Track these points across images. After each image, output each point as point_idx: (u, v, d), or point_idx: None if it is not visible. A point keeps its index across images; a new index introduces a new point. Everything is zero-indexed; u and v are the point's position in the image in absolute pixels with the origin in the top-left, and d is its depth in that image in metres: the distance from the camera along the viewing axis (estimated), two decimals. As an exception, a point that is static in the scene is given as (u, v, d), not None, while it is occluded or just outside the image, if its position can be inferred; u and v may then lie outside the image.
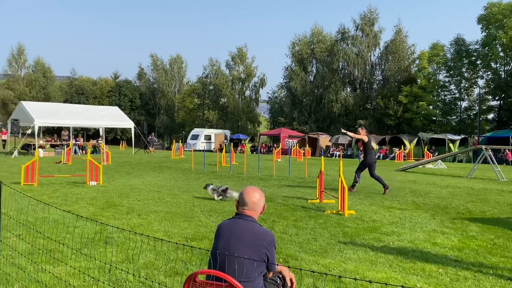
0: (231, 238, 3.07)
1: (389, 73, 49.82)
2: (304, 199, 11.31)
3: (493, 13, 41.84)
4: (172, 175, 17.49)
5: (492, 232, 7.86)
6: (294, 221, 8.48)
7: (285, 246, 6.61)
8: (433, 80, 46.45)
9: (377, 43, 53.08)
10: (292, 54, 57.80)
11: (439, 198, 12.23)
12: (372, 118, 49.45)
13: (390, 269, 5.54)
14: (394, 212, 9.73)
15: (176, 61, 70.63)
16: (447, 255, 6.22)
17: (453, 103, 47.66)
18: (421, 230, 7.88)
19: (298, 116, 55.05)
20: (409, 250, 6.45)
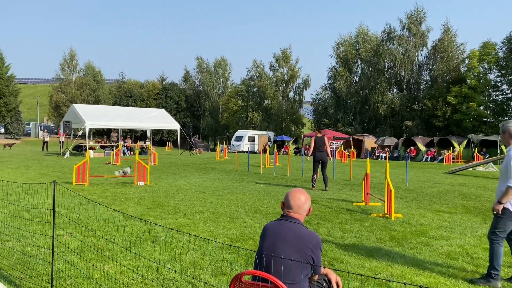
0: (276, 239, 3.08)
1: (437, 73, 48.43)
2: (350, 202, 11.17)
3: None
4: (217, 176, 17.70)
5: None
6: (339, 223, 8.40)
7: (330, 249, 6.55)
8: (483, 80, 44.77)
9: (425, 42, 51.71)
10: (336, 54, 57.25)
11: (490, 202, 11.78)
12: (420, 119, 48.20)
13: (439, 274, 5.39)
14: (443, 216, 9.46)
15: (221, 64, 71.46)
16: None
17: (505, 103, 45.72)
18: (471, 234, 7.62)
19: (342, 117, 54.43)
20: (459, 255, 6.25)
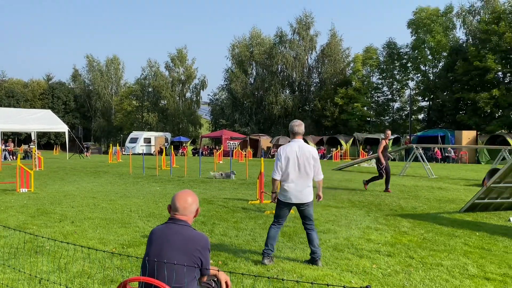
0: (163, 243, 3.02)
1: (326, 75, 51.13)
2: (245, 200, 11.35)
3: (421, 18, 44.03)
4: (109, 180, 17.00)
5: (423, 227, 8.25)
6: (234, 222, 8.49)
7: (224, 248, 6.59)
8: (367, 82, 48.18)
9: (314, 46, 54.31)
10: (232, 56, 57.93)
11: (373, 195, 12.69)
12: (311, 119, 50.54)
13: (326, 267, 5.67)
14: (331, 210, 9.99)
15: (113, 62, 68.69)
16: (380, 251, 6.45)
17: (386, 104, 49.67)
18: (356, 227, 8.14)
19: (239, 118, 55.24)
20: (345, 247, 6.63)
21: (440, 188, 14.94)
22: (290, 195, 5.78)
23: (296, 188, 5.74)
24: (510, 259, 6.07)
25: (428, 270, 5.56)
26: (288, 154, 5.76)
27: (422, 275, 5.36)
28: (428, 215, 9.56)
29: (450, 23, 44.88)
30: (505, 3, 41.03)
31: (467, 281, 5.15)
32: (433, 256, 6.20)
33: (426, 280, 5.20)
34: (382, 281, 5.13)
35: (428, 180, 17.68)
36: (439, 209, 10.44)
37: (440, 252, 6.42)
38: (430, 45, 43.66)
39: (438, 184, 16.07)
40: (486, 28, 38.61)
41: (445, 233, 7.69)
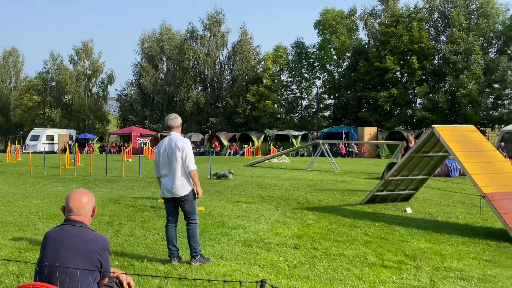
0: (59, 246, 2.85)
1: (237, 73, 51.56)
2: (155, 199, 11.10)
3: (327, 19, 45.89)
4: (7, 180, 15.80)
5: (327, 219, 8.62)
6: (142, 222, 8.28)
7: (131, 248, 6.41)
8: (277, 80, 49.32)
9: (225, 43, 54.50)
10: (141, 50, 56.35)
11: (282, 190, 13.03)
12: (223, 116, 50.73)
13: (235, 262, 5.72)
14: (241, 206, 10.10)
15: (11, 55, 63.79)
16: (287, 244, 6.64)
17: (295, 101, 51.22)
18: (265, 221, 8.30)
19: (150, 114, 53.94)
20: (253, 242, 6.74)
21: (344, 181, 15.71)
22: (164, 190, 5.70)
23: (167, 182, 5.64)
24: (405, 247, 6.53)
25: (331, 261, 5.82)
26: (159, 149, 5.72)
27: (326, 266, 5.60)
28: (332, 208, 10.01)
29: (354, 25, 47.26)
30: (403, 7, 44.12)
31: (367, 270, 5.46)
32: (336, 247, 6.50)
33: (329, 270, 5.43)
34: (288, 273, 5.27)
35: (333, 174, 18.51)
36: (343, 201, 10.97)
37: (342, 243, 6.75)
38: (335, 46, 45.66)
39: (342, 178, 16.89)
40: (386, 31, 41.16)
41: (347, 224, 8.10)
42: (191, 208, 5.71)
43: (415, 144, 9.56)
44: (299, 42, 49.01)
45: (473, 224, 8.36)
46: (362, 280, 5.05)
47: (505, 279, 5.14)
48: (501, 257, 6.07)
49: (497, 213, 7.22)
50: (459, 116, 37.57)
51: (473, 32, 37.73)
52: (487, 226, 8.18)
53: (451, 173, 17.24)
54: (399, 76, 42.72)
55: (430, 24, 42.98)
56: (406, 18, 41.76)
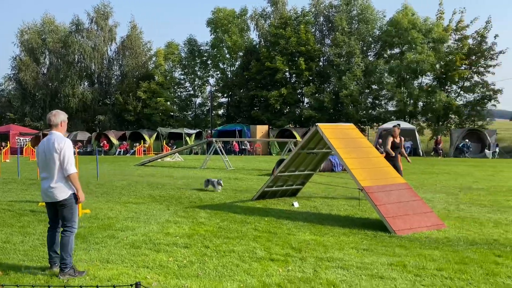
0: None
1: (127, 68, 49.83)
2: (35, 202, 10.33)
3: (219, 18, 46.17)
4: None
5: (219, 216, 8.68)
6: (20, 227, 7.67)
7: (6, 256, 5.90)
8: (169, 77, 48.56)
9: (113, 37, 52.35)
10: (20, 43, 52.00)
11: (174, 189, 12.86)
12: (112, 114, 48.75)
13: (122, 265, 5.53)
14: (130, 206, 9.79)
15: None
16: (177, 243, 6.57)
17: (189, 99, 50.84)
18: (155, 222, 8.13)
19: (30, 111, 50.02)
20: (142, 243, 6.57)
21: (236, 178, 15.95)
22: (43, 193, 5.33)
23: (44, 186, 5.28)
24: (292, 240, 6.80)
25: (221, 258, 5.87)
26: (38, 150, 5.34)
27: (216, 263, 5.63)
28: (224, 205, 10.10)
29: (245, 25, 48.10)
30: (291, 10, 45.83)
31: (255, 264, 5.59)
32: (227, 244, 6.57)
33: (219, 267, 5.48)
34: (177, 273, 5.22)
35: (226, 172, 18.71)
36: (235, 198, 11.14)
37: (233, 239, 6.84)
38: (227, 45, 46.11)
39: (235, 175, 17.13)
40: (275, 32, 42.49)
41: (238, 221, 8.23)
42: (69, 214, 5.28)
43: (301, 141, 10.00)
44: (192, 39, 48.71)
45: (353, 215, 8.97)
46: (250, 275, 5.16)
47: (380, 266, 5.57)
48: (377, 245, 6.58)
49: (374, 204, 7.81)
50: (342, 115, 40.00)
51: (354, 36, 40.37)
52: (365, 217, 8.81)
53: (335, 168, 18.31)
54: (288, 76, 44.34)
55: (316, 28, 45.15)
56: (294, 20, 43.46)
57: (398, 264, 5.60)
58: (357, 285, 4.88)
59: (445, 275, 5.23)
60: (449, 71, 38.37)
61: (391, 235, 7.18)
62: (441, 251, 6.24)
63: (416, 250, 6.31)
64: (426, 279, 5.10)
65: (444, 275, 5.22)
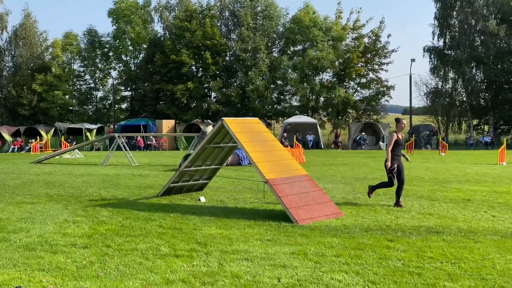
0: None
1: (21, 59, 46.32)
2: None
3: (121, 8, 44.51)
4: None
5: (121, 214, 8.40)
6: None
7: None
8: (68, 69, 45.98)
9: (4, 26, 48.35)
10: None
11: (73, 187, 12.23)
12: (4, 108, 45.13)
13: (14, 269, 5.15)
14: (25, 207, 9.14)
15: None
16: (76, 244, 6.25)
17: (89, 93, 48.49)
18: (52, 222, 7.67)
19: None
20: (38, 245, 6.16)
21: (141, 175, 15.55)
22: None
23: None
24: (197, 235, 6.78)
25: (123, 256, 5.69)
26: None
27: (117, 262, 5.45)
28: (127, 202, 9.80)
29: (149, 16, 46.88)
30: (196, 3, 45.45)
31: (159, 261, 5.49)
32: (130, 242, 6.39)
33: (121, 266, 5.30)
34: (76, 275, 4.97)
35: (130, 168, 18.16)
36: (139, 195, 10.85)
37: (136, 237, 6.66)
38: (130, 36, 44.64)
39: (139, 171, 16.69)
40: (180, 25, 41.92)
41: (142, 218, 8.03)
42: None
43: (207, 136, 9.97)
44: (92, 30, 46.46)
45: (259, 208, 9.15)
46: (154, 272, 5.06)
47: (283, 255, 5.75)
48: (280, 235, 6.78)
49: (277, 196, 8.03)
50: (249, 109, 40.62)
51: (259, 32, 41.11)
52: (270, 209, 9.04)
53: (242, 161, 18.55)
54: (195, 70, 44.03)
55: (221, 22, 45.26)
56: (199, 14, 43.20)
57: (300, 253, 5.82)
58: (260, 275, 4.99)
59: (343, 260, 5.52)
60: (347, 68, 40.57)
61: (293, 225, 7.44)
62: (339, 238, 6.58)
63: (316, 238, 6.60)
64: (325, 265, 5.35)
65: (341, 261, 5.51)
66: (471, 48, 38.52)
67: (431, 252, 5.89)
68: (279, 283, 4.75)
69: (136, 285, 4.69)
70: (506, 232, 6.99)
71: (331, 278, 4.90)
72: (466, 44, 38.60)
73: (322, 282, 4.78)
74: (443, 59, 41.05)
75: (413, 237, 6.66)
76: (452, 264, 5.41)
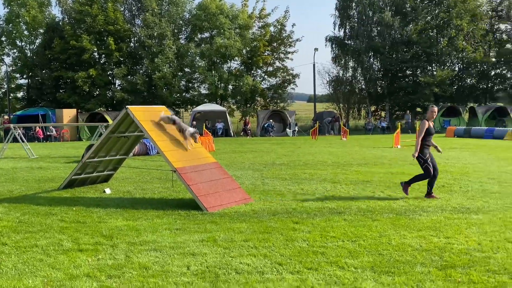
0: None
1: None
2: None
3: (14, -10, 41.15)
4: None
5: (19, 210, 7.87)
6: None
7: None
8: None
9: None
10: None
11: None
12: None
13: None
14: None
15: None
16: (-34, 244, 5.76)
17: None
18: None
19: None
20: None
21: (40, 167, 14.63)
22: None
23: None
24: (102, 228, 6.55)
25: (22, 254, 5.35)
26: None
27: (15, 260, 5.11)
28: (25, 197, 9.20)
29: (46, -1, 43.84)
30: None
31: (62, 257, 5.23)
32: (29, 238, 6.01)
33: (19, 264, 4.99)
34: (-34, 278, 4.59)
35: (28, 161, 17.01)
36: (38, 189, 10.22)
37: (35, 233, 6.28)
38: (25, 20, 41.47)
39: (39, 164, 15.69)
40: (80, 9, 39.67)
41: (42, 213, 7.58)
42: None
43: (111, 124, 9.61)
44: (-20, 12, 42.54)
45: (167, 197, 9.04)
46: (56, 269, 4.82)
47: (192, 243, 5.74)
48: (190, 224, 6.76)
49: (186, 184, 7.99)
50: (156, 97, 39.68)
51: (165, 18, 40.15)
52: (179, 198, 8.96)
53: (150, 151, 18.15)
54: (97, 57, 42.02)
55: (125, 7, 43.52)
56: (102, -2, 41.22)
57: (209, 240, 5.86)
58: (169, 264, 4.95)
59: (251, 245, 5.65)
60: (254, 57, 41.06)
61: (203, 213, 7.45)
62: (248, 223, 6.71)
63: (226, 224, 6.67)
64: (234, 250, 5.43)
65: (250, 245, 5.63)
66: (369, 38, 40.73)
67: (334, 231, 6.21)
68: (189, 271, 4.75)
69: (37, 283, 4.44)
70: (400, 210, 7.56)
71: (240, 263, 4.99)
72: (365, 35, 40.76)
73: (231, 267, 4.86)
74: (343, 49, 43.05)
75: (317, 218, 6.97)
76: (352, 242, 5.76)
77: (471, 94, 42.05)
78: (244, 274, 4.65)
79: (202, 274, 4.67)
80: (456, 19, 37.83)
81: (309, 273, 4.67)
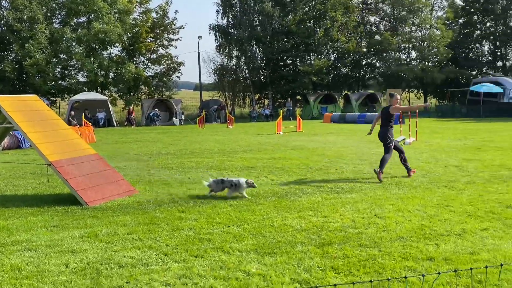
0: None
1: None
2: None
3: None
4: None
5: None
6: None
7: None
8: None
9: None
10: None
11: None
12: None
13: None
14: None
15: None
16: None
17: None
18: None
19: None
20: None
21: None
22: None
23: None
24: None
25: None
26: None
27: None
28: None
29: None
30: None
31: None
32: None
33: None
34: None
35: None
36: None
37: None
38: None
39: None
40: None
41: None
42: None
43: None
44: None
45: (43, 193, 8.44)
46: None
47: (71, 240, 5.44)
48: (68, 220, 6.39)
49: (63, 179, 7.52)
50: (28, 85, 36.63)
51: (36, 1, 37.07)
52: (56, 193, 8.42)
53: (22, 144, 16.76)
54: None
55: (-12, -14, 39.39)
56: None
57: (90, 235, 5.59)
58: (45, 264, 4.65)
59: (136, 237, 5.51)
60: (136, 43, 39.71)
61: (83, 208, 7.09)
62: (132, 216, 6.53)
63: (108, 218, 6.42)
64: (117, 244, 5.26)
65: (134, 238, 5.48)
66: (251, 28, 41.55)
67: (220, 217, 6.30)
68: (67, 269, 4.50)
69: None
70: (282, 193, 7.89)
71: (124, 256, 4.85)
72: (247, 24, 41.49)
73: (114, 261, 4.70)
74: (227, 37, 43.42)
75: (203, 206, 7.01)
76: (237, 226, 5.89)
77: (345, 82, 45.15)
78: (127, 268, 4.53)
79: (82, 271, 4.45)
80: (331, 11, 40.08)
81: (195, 261, 4.69)
